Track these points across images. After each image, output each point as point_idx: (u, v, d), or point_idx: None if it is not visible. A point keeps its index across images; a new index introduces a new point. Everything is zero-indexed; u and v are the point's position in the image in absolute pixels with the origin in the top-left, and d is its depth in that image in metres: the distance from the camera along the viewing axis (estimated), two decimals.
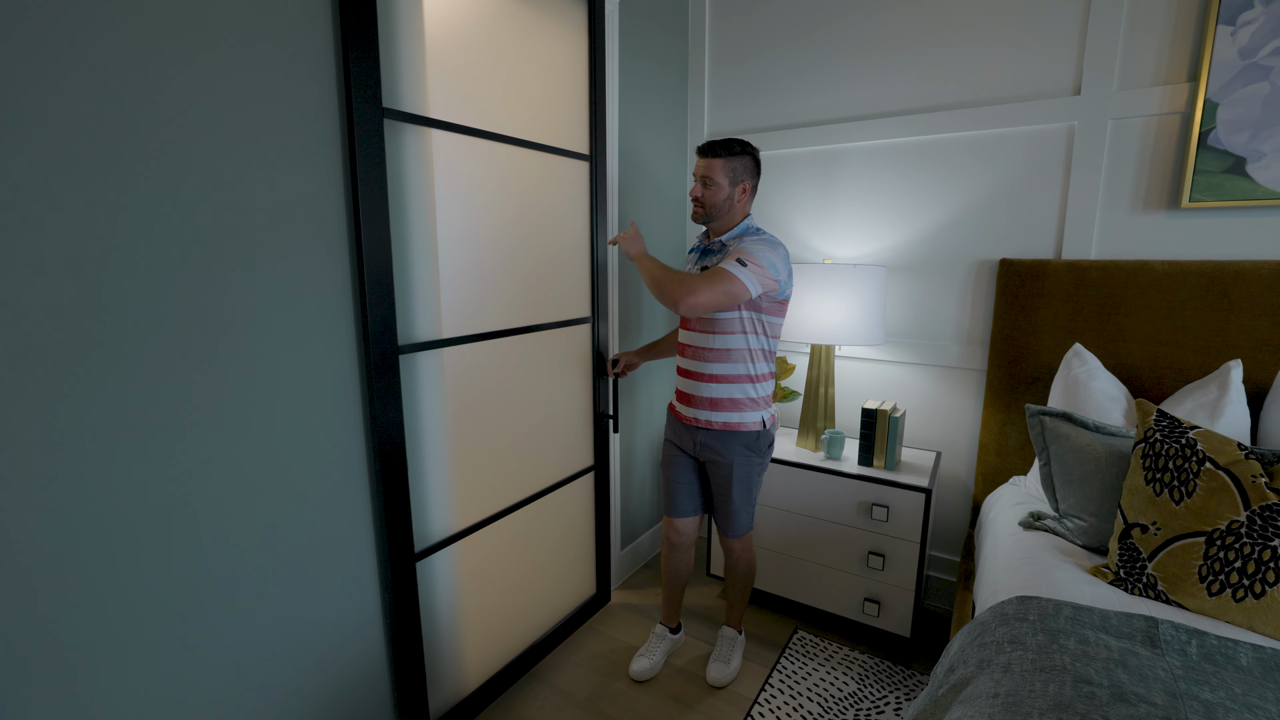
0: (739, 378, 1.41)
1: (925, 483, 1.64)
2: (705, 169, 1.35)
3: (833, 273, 1.74)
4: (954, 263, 1.85)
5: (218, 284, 0.93)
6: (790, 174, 2.11)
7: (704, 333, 1.42)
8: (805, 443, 1.93)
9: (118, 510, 0.85)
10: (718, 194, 1.36)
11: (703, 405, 1.45)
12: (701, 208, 1.38)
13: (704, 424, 1.45)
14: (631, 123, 1.98)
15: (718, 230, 1.44)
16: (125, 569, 0.86)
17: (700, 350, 1.43)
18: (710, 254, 1.43)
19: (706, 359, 1.42)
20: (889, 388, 2.01)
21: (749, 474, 1.47)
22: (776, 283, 1.34)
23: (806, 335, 1.78)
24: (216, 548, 0.96)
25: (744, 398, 1.43)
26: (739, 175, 1.36)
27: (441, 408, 1.31)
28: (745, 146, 1.36)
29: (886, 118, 1.89)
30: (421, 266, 1.23)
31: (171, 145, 0.86)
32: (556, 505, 1.69)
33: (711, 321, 1.40)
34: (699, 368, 1.43)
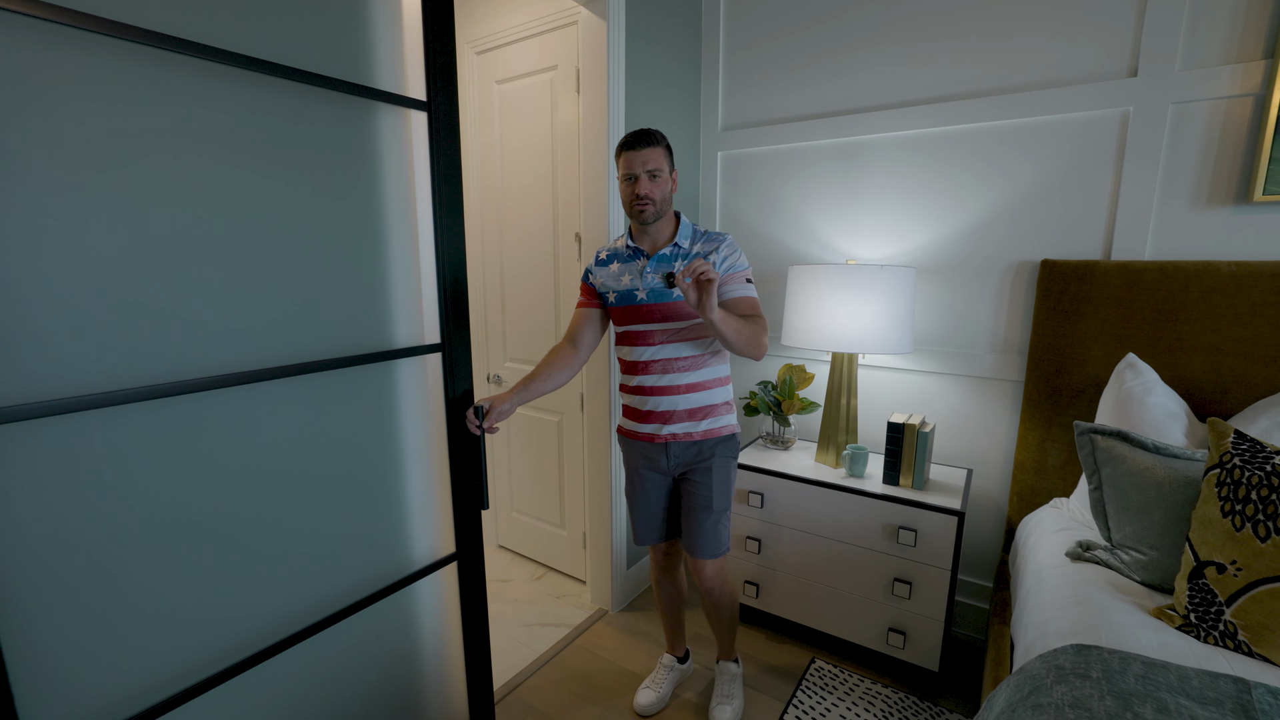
0: (714, 383, 1.37)
1: (957, 504, 1.50)
2: (651, 161, 1.26)
3: (856, 275, 1.60)
4: (989, 264, 1.71)
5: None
6: (810, 168, 1.98)
7: (676, 342, 1.33)
8: (825, 458, 1.80)
9: None
10: (665, 186, 1.29)
11: (680, 419, 1.35)
12: (653, 205, 1.28)
13: (682, 437, 1.36)
14: (639, 115, 1.87)
15: (661, 233, 1.34)
16: None
17: (671, 362, 1.34)
18: (667, 260, 1.32)
19: (679, 369, 1.34)
20: (916, 399, 1.87)
21: (728, 480, 1.39)
22: None
23: (827, 342, 1.65)
24: None
25: (721, 402, 1.39)
26: (672, 163, 1.32)
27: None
28: (664, 136, 1.32)
29: (915, 106, 1.75)
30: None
31: None
32: (385, 619, 1.16)
33: (682, 330, 1.32)
34: (673, 380, 1.34)
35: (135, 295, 0.78)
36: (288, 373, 0.92)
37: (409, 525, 1.18)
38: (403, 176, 1.07)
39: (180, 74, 0.79)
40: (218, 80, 0.82)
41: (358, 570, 1.09)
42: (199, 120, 0.81)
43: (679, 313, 1.31)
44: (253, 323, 0.89)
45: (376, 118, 1.00)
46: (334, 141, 0.96)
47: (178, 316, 0.82)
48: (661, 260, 1.33)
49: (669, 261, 1.32)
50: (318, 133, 0.94)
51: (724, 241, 1.33)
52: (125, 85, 0.75)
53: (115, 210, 0.76)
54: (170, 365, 0.82)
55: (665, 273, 1.21)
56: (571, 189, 1.92)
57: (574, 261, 1.95)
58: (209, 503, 0.88)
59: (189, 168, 0.81)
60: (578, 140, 1.87)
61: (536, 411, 2.18)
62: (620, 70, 1.76)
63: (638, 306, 1.33)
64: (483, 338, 2.31)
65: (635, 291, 1.33)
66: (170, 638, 0.86)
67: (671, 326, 1.32)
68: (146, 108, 0.77)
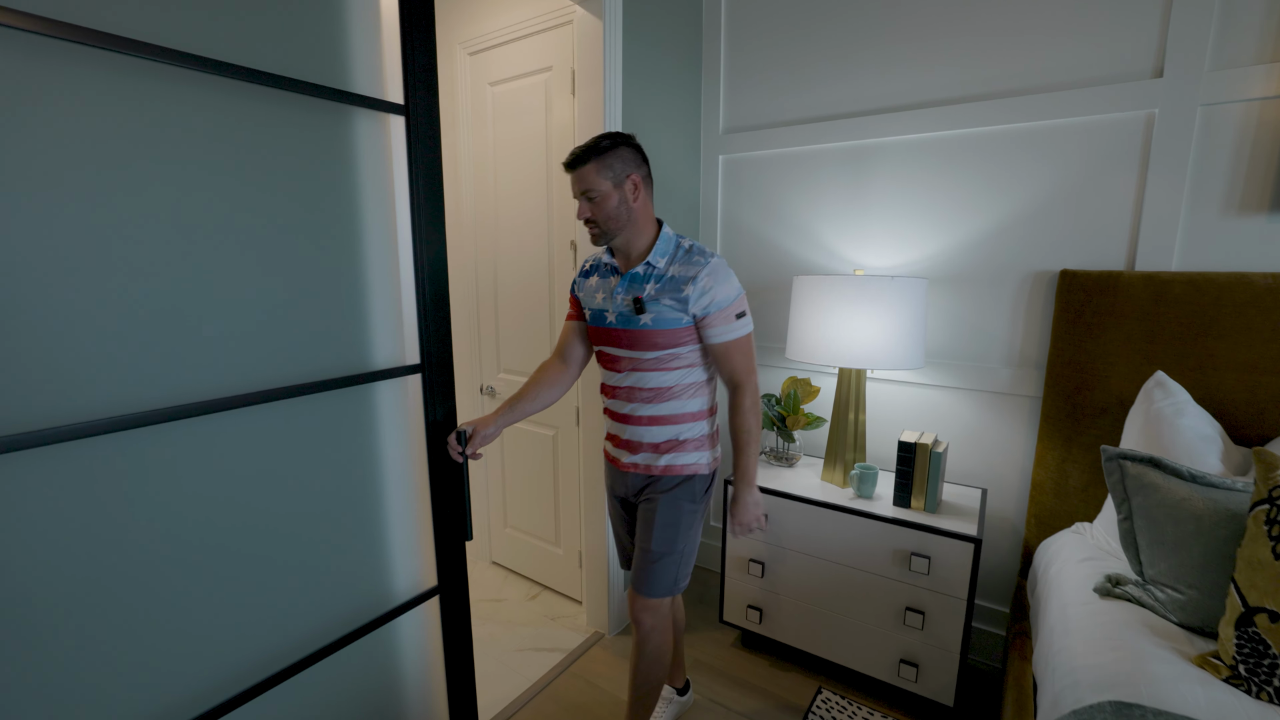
0: (683, 417, 1.21)
1: (973, 530, 1.42)
2: (579, 182, 1.12)
3: (866, 286, 1.52)
4: (1004, 274, 1.63)
5: None
6: (816, 173, 1.90)
7: (641, 372, 1.18)
8: (832, 476, 1.71)
9: None
10: (607, 203, 1.12)
11: (643, 449, 1.23)
12: (598, 227, 1.14)
13: (642, 468, 1.25)
14: (636, 117, 1.79)
15: (633, 248, 1.18)
16: None
17: (635, 391, 1.20)
18: (639, 282, 1.16)
19: (643, 399, 1.20)
20: (927, 415, 1.78)
21: (675, 523, 1.21)
22: None
23: (834, 357, 1.56)
24: None
25: (690, 438, 1.23)
26: (620, 171, 1.12)
27: None
28: (615, 138, 1.13)
29: (927, 108, 1.67)
30: None
31: None
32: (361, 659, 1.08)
33: (649, 361, 1.17)
34: (635, 410, 1.21)
35: (87, 317, 0.70)
36: (255, 400, 0.84)
37: (390, 558, 1.11)
38: (382, 185, 0.99)
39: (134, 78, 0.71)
40: (174, 84, 0.74)
41: (335, 607, 1.01)
42: (153, 127, 0.73)
43: (645, 342, 1.16)
44: (219, 346, 0.81)
45: (352, 124, 0.93)
46: (306, 149, 0.88)
47: (133, 341, 0.74)
48: (633, 281, 1.16)
49: (640, 283, 1.16)
50: (288, 139, 0.86)
51: (704, 267, 1.12)
52: (81, 91, 0.67)
53: (65, 226, 0.68)
54: (125, 396, 0.73)
55: (634, 296, 1.10)
56: (566, 195, 1.84)
57: (569, 270, 1.87)
58: (174, 540, 0.80)
59: (146, 178, 0.73)
60: (573, 144, 1.79)
61: (531, 426, 2.10)
62: (617, 71, 1.68)
63: (606, 329, 1.21)
64: (475, 349, 2.23)
65: (605, 313, 1.20)
66: (134, 684, 0.78)
67: (637, 355, 1.18)
68: (102, 116, 0.69)
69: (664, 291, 1.13)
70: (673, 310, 1.13)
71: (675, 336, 1.15)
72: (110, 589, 0.76)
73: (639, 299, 1.13)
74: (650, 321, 1.14)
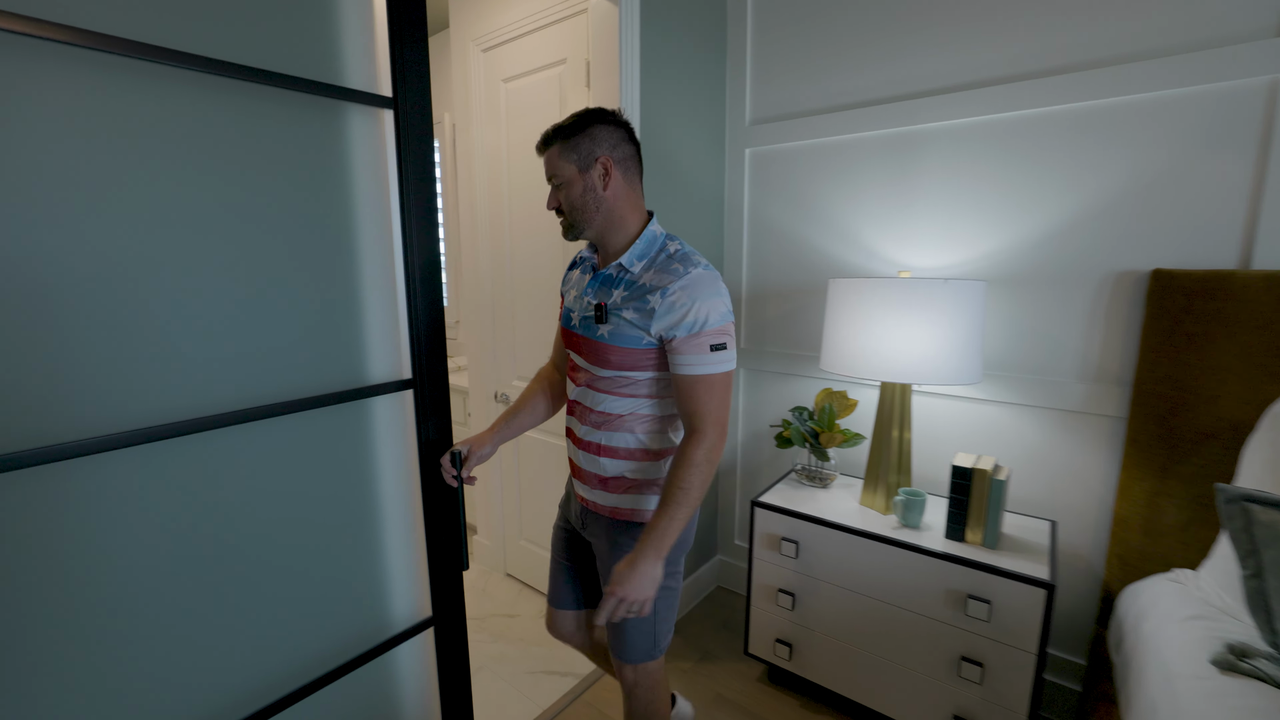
0: (638, 454, 1.01)
1: (1044, 572, 1.21)
2: (547, 167, 0.98)
3: (914, 291, 1.34)
4: (1078, 275, 1.41)
5: None
6: (854, 165, 1.72)
7: (595, 391, 1.01)
8: (872, 501, 1.53)
9: None
10: (572, 190, 0.96)
11: (591, 481, 1.05)
12: (563, 218, 1.00)
13: (590, 505, 1.07)
14: (655, 110, 1.66)
15: (610, 243, 1.00)
16: None
17: (586, 412, 1.03)
18: (612, 284, 0.98)
19: (592, 423, 1.02)
20: (984, 434, 1.57)
21: None
22: None
23: (877, 371, 1.38)
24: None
25: (647, 480, 1.02)
26: (588, 154, 0.94)
27: None
28: (590, 115, 0.96)
29: (983, 87, 1.47)
30: None
31: None
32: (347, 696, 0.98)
33: (603, 381, 1.00)
34: (584, 434, 1.04)
35: (61, 330, 0.63)
36: (236, 419, 0.75)
37: (386, 585, 1.01)
38: (377, 184, 0.90)
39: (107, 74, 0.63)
40: (140, 77, 0.66)
41: (327, 638, 0.92)
42: (130, 123, 0.65)
43: (598, 356, 0.98)
44: (202, 362, 0.73)
45: (344, 120, 0.84)
46: (294, 147, 0.79)
47: (110, 355, 0.66)
48: (604, 282, 0.99)
49: (609, 287, 0.98)
50: (275, 137, 0.77)
51: (680, 278, 0.91)
52: (57, 92, 0.60)
53: (40, 230, 0.61)
54: (102, 415, 0.66)
55: (598, 301, 0.96)
56: None
57: None
58: (156, 567, 0.72)
59: (123, 177, 0.65)
60: None
61: (543, 435, 1.99)
62: (634, 61, 1.56)
63: (568, 331, 1.05)
64: (490, 354, 2.14)
65: (572, 312, 1.05)
66: (117, 716, 0.71)
67: (590, 370, 1.01)
68: (73, 114, 0.62)
69: (630, 301, 0.94)
70: (632, 326, 0.93)
71: (632, 358, 0.95)
72: (92, 616, 0.69)
73: (602, 305, 0.96)
74: (606, 335, 0.96)
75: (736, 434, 2.06)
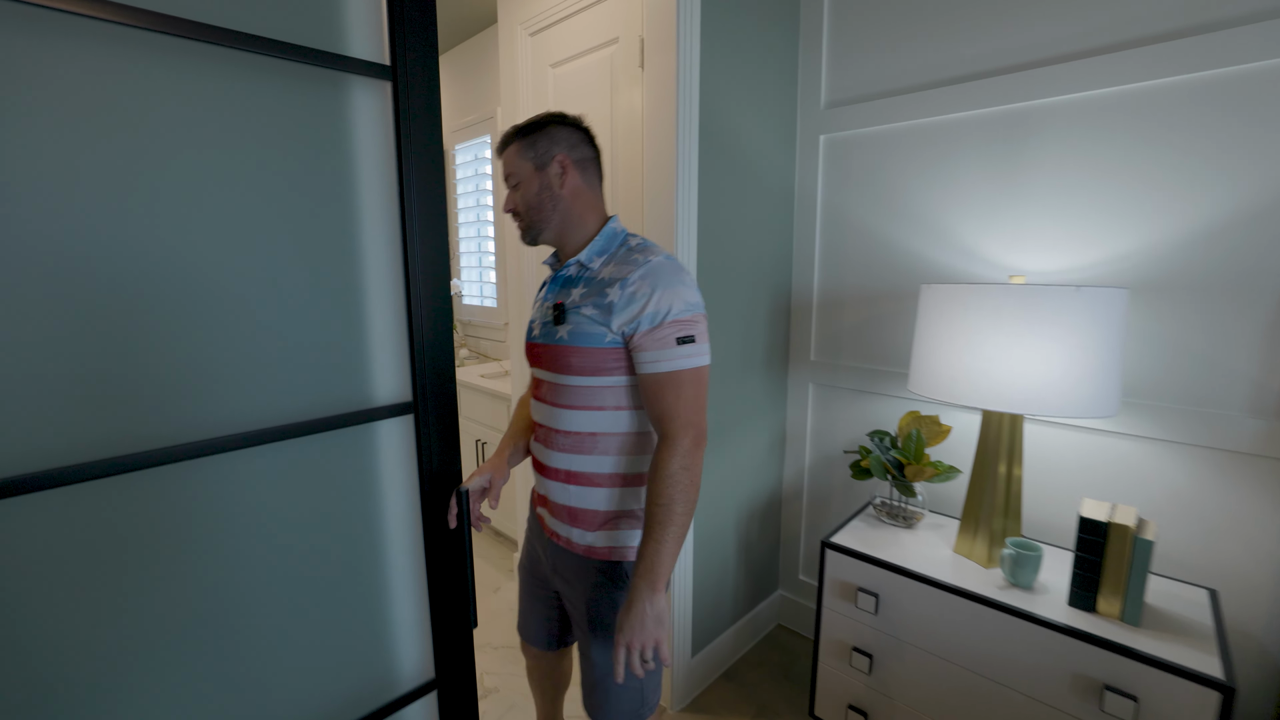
0: (610, 480, 0.93)
1: (1215, 666, 0.95)
2: (504, 167, 0.95)
3: (1034, 299, 1.09)
4: (1251, 282, 1.11)
5: None
6: (950, 150, 1.46)
7: (559, 407, 0.93)
8: (970, 549, 1.29)
9: None
10: (529, 189, 0.92)
11: (557, 514, 0.96)
12: (521, 219, 0.95)
13: (561, 541, 0.97)
14: (715, 92, 1.47)
15: (569, 244, 0.95)
16: None
17: (550, 434, 0.94)
18: (571, 284, 0.93)
19: (558, 446, 0.93)
20: (1117, 475, 1.29)
21: None
22: None
23: (983, 396, 1.14)
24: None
25: (626, 511, 0.93)
26: (545, 153, 0.92)
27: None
28: (549, 117, 0.94)
29: (1115, 52, 1.19)
30: None
31: None
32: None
33: (568, 392, 0.91)
34: (548, 459, 0.95)
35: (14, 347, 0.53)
36: (214, 448, 0.64)
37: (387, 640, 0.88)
38: (380, 171, 0.77)
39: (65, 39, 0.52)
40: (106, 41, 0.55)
41: (320, 695, 0.81)
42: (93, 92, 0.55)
43: (559, 362, 0.91)
44: (183, 379, 0.62)
45: (347, 95, 0.71)
46: (290, 124, 0.67)
47: (76, 370, 0.56)
48: (565, 283, 0.94)
49: (568, 287, 0.93)
50: (265, 113, 0.65)
51: (641, 267, 0.86)
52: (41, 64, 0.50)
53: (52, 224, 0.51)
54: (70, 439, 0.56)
55: (556, 302, 0.92)
56: (634, 188, 1.56)
57: None
58: (129, 614, 0.62)
59: (88, 154, 0.55)
60: (641, 129, 1.51)
61: None
62: (694, 37, 1.38)
63: (530, 344, 0.98)
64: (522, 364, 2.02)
65: (534, 322, 0.99)
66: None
67: (555, 380, 0.93)
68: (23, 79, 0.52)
69: (588, 296, 0.89)
70: (592, 323, 0.87)
71: (595, 361, 0.87)
72: (74, 665, 0.59)
73: (560, 304, 0.91)
74: (566, 335, 0.89)
75: (804, 457, 1.84)
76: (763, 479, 1.82)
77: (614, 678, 0.82)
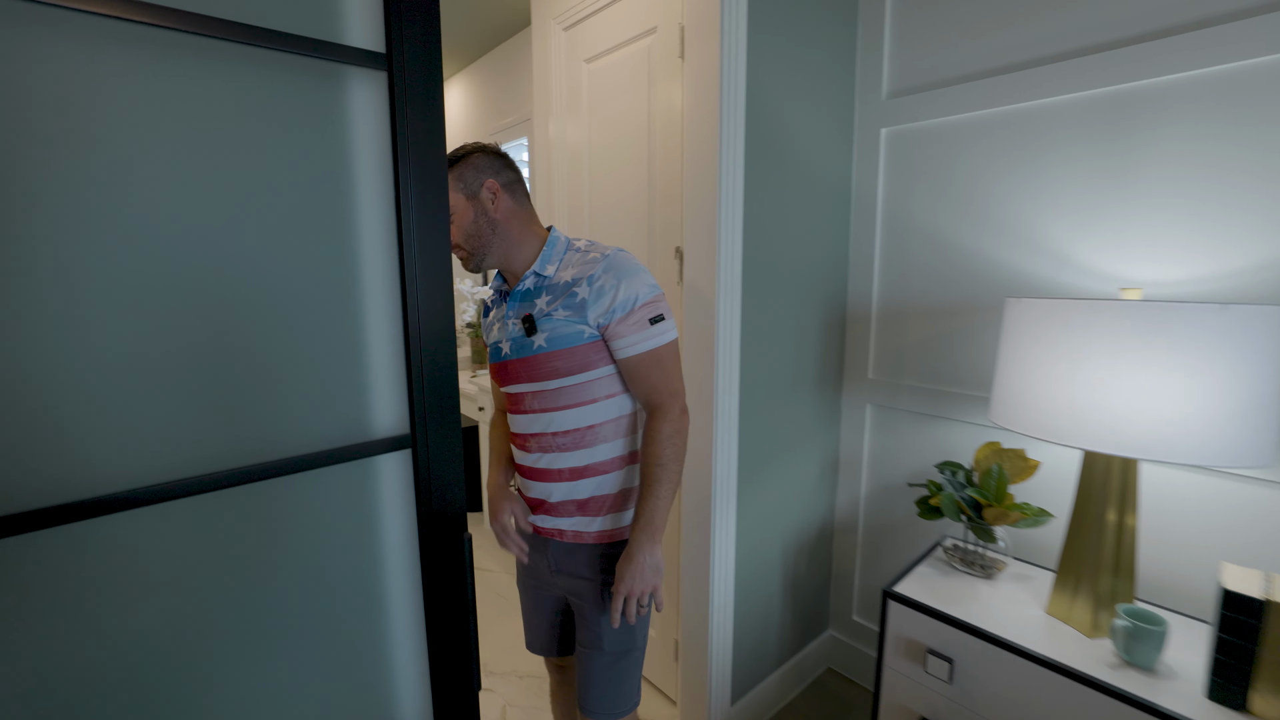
0: (613, 464, 0.99)
1: None
2: None
3: (1157, 319, 0.89)
4: None
5: None
6: (1040, 140, 1.26)
7: (552, 411, 0.97)
8: (1068, 613, 1.08)
9: None
10: (464, 219, 0.96)
11: (566, 510, 1.00)
12: (462, 250, 0.98)
13: (568, 536, 1.01)
14: (763, 83, 1.32)
15: (515, 264, 1.00)
16: None
17: (549, 439, 0.98)
18: (531, 296, 0.98)
19: (560, 447, 0.98)
20: (1271, 538, 1.06)
21: None
22: None
23: (1088, 435, 0.94)
24: None
25: (631, 487, 1.02)
26: (472, 181, 0.96)
27: None
28: (466, 148, 0.98)
29: (1244, 20, 0.97)
30: None
31: None
32: None
33: (558, 394, 0.96)
34: (551, 463, 0.99)
35: None
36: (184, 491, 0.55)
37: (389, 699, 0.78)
38: (380, 172, 0.66)
39: None
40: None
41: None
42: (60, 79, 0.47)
43: (543, 371, 0.95)
44: (144, 415, 0.53)
45: (340, 89, 0.61)
46: (280, 118, 0.58)
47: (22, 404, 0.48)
48: (524, 298, 0.98)
49: (530, 299, 0.97)
50: (253, 103, 0.56)
51: (600, 265, 0.92)
52: None
53: None
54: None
55: (524, 315, 0.96)
56: (673, 190, 1.43)
57: (673, 285, 1.46)
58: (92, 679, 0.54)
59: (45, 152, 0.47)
60: (680, 125, 1.38)
61: None
62: (739, 22, 1.24)
63: (501, 364, 1.02)
64: None
65: (500, 345, 1.02)
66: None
67: (541, 389, 0.97)
68: None
69: (556, 301, 0.94)
70: (569, 324, 0.93)
71: (578, 359, 0.94)
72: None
73: (529, 317, 0.96)
74: (545, 343, 0.94)
75: (859, 485, 1.66)
76: (812, 508, 1.65)
77: (611, 623, 0.92)
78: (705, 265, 1.32)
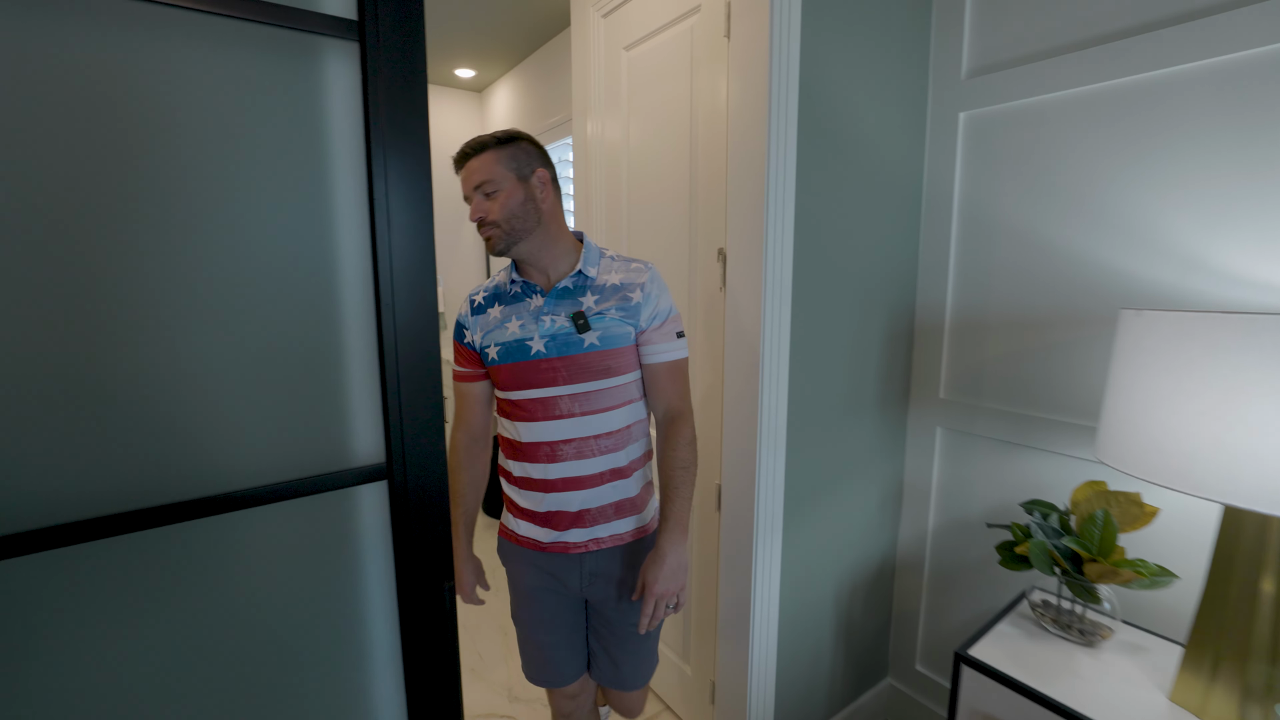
0: (642, 459, 1.05)
1: None
2: (477, 174, 0.93)
3: None
4: None
5: None
6: (1161, 120, 1.04)
7: (593, 414, 0.97)
8: (1202, 703, 0.87)
9: None
10: (511, 199, 0.93)
11: (604, 516, 1.01)
12: (498, 228, 0.93)
13: (607, 542, 1.02)
14: (820, 59, 1.17)
15: (546, 260, 0.98)
16: None
17: (588, 443, 0.98)
18: (571, 295, 0.97)
19: (601, 450, 0.99)
20: None
21: None
22: None
23: (1245, 491, 0.74)
24: None
25: (650, 480, 1.09)
26: (526, 165, 0.95)
27: None
28: (515, 133, 0.96)
29: None
30: None
31: None
32: None
33: (603, 394, 0.97)
34: (591, 468, 0.99)
35: None
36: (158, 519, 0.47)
37: None
38: (356, 162, 0.58)
39: None
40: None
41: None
42: None
43: (593, 369, 0.95)
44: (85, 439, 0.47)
45: (315, 64, 0.53)
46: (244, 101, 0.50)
47: None
48: (563, 295, 0.97)
49: (574, 296, 0.97)
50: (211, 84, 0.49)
51: (647, 274, 0.99)
52: None
53: None
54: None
55: (573, 311, 0.95)
56: (716, 186, 1.30)
57: (715, 289, 1.33)
58: None
59: None
60: (725, 114, 1.24)
61: None
62: None
63: (533, 364, 0.96)
64: None
65: (528, 342, 0.96)
66: None
67: (586, 390, 0.96)
68: None
69: (606, 301, 0.96)
70: (621, 324, 0.96)
71: (623, 359, 0.98)
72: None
73: (580, 313, 0.95)
74: (598, 340, 0.95)
75: (926, 519, 1.46)
76: (871, 543, 1.46)
77: (639, 630, 0.96)
78: (751, 268, 1.17)
